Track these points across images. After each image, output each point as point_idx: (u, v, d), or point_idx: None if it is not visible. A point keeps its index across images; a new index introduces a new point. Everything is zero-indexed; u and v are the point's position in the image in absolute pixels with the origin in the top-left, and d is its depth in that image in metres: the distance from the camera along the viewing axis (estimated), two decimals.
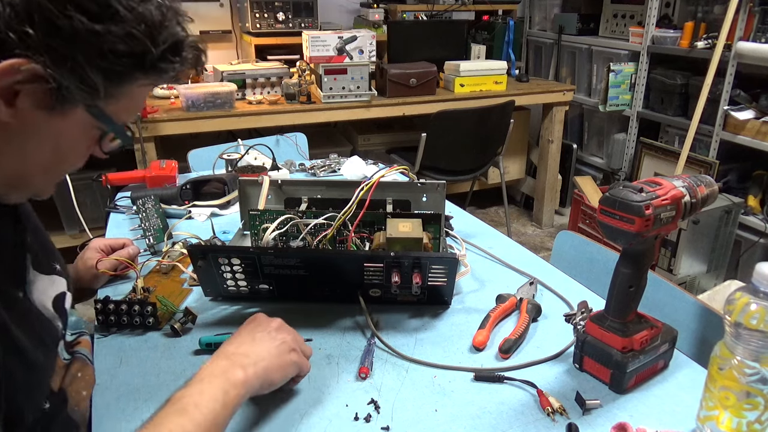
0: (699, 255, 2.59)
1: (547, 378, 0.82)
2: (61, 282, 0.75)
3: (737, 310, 0.63)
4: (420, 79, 2.73)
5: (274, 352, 0.73)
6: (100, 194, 2.54)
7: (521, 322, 0.92)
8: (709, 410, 0.69)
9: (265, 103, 2.55)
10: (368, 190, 1.00)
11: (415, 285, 0.91)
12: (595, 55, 3.37)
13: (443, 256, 0.91)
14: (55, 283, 0.74)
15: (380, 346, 0.89)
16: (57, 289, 0.74)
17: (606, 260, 1.21)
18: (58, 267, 0.76)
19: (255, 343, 0.73)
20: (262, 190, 1.10)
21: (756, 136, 2.48)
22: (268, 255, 0.91)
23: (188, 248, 0.93)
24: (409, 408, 0.76)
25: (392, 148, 3.10)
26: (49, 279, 0.73)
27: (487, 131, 2.78)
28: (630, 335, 0.77)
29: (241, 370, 0.68)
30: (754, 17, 2.45)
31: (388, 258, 0.90)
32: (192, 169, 1.87)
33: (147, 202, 1.33)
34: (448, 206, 1.31)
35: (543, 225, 3.42)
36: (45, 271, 0.72)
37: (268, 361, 0.71)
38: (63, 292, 0.75)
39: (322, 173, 1.67)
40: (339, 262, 0.94)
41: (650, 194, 0.71)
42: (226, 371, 0.67)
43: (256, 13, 2.93)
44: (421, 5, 3.38)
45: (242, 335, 0.75)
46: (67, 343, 0.81)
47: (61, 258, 0.80)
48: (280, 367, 0.72)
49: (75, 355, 0.83)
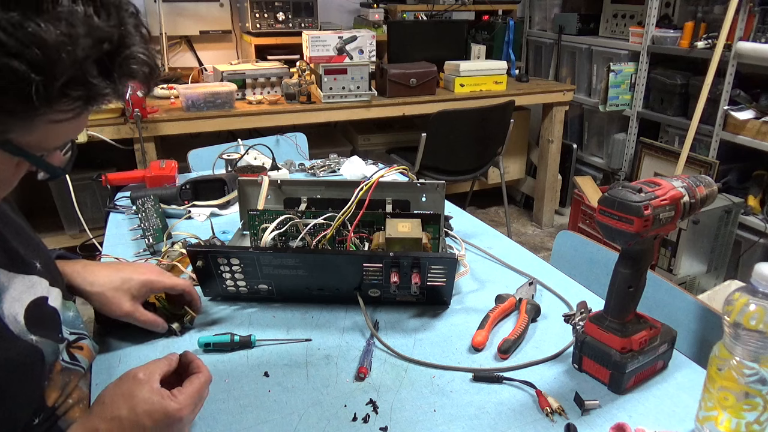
0: (699, 255, 2.59)
1: (546, 378, 0.82)
2: (41, 283, 0.71)
3: (736, 311, 0.63)
4: (420, 79, 2.73)
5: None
6: (99, 194, 2.55)
7: (520, 322, 0.92)
8: (708, 411, 0.69)
9: (265, 103, 2.55)
10: (368, 190, 1.00)
11: (414, 285, 0.91)
12: (595, 55, 3.37)
13: (442, 257, 0.91)
14: (33, 286, 0.70)
15: (379, 346, 0.89)
16: (35, 293, 0.69)
17: (606, 260, 1.21)
18: (38, 266, 0.72)
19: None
20: (261, 190, 1.10)
21: (756, 136, 2.48)
22: (267, 255, 0.91)
23: (187, 249, 0.93)
24: (407, 408, 0.76)
25: (392, 148, 3.10)
26: (25, 280, 0.69)
27: (487, 131, 2.78)
28: (629, 335, 0.77)
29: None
30: (754, 17, 2.45)
31: (387, 258, 0.90)
32: (192, 169, 1.88)
33: (147, 202, 1.33)
34: (448, 206, 1.31)
35: (543, 225, 3.42)
36: (20, 270, 0.68)
37: None
38: (43, 296, 0.70)
39: (321, 173, 1.67)
40: (338, 262, 0.94)
41: (649, 194, 0.71)
42: None
43: (256, 13, 2.93)
44: (421, 5, 3.38)
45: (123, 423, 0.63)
46: (69, 342, 0.76)
47: (46, 255, 0.76)
48: None
49: (75, 366, 0.75)
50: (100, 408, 0.65)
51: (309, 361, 0.85)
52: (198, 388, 0.68)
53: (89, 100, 0.54)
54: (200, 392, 0.69)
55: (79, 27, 0.49)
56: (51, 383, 0.70)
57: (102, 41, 0.51)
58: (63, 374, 0.72)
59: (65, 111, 0.53)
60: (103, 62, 0.52)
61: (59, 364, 0.72)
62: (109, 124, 2.25)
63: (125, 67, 0.55)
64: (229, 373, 0.82)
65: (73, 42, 0.49)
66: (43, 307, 0.71)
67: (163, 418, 0.64)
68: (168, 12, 3.02)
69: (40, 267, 0.73)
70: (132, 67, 0.56)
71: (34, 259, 0.73)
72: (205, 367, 0.71)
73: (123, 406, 0.64)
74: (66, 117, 0.53)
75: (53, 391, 0.70)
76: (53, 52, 0.47)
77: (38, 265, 0.73)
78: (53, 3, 0.48)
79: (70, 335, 0.76)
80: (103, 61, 0.52)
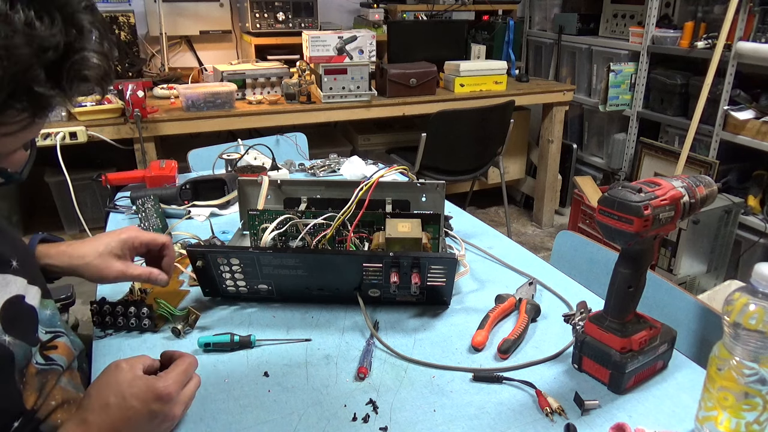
0: (699, 255, 2.59)
1: (545, 378, 0.82)
2: (17, 282, 0.69)
3: (736, 311, 0.63)
4: (420, 79, 2.73)
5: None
6: (99, 194, 2.55)
7: (520, 322, 0.92)
8: (707, 411, 0.69)
9: (265, 103, 2.55)
10: (367, 190, 1.00)
11: (413, 285, 0.91)
12: (595, 55, 3.37)
13: (442, 256, 0.91)
14: (8, 284, 0.68)
15: (379, 346, 0.89)
16: (9, 292, 0.68)
17: (606, 260, 1.21)
18: (14, 264, 0.71)
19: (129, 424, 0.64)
20: (261, 190, 1.10)
21: (756, 136, 2.48)
22: (267, 255, 0.91)
23: (187, 249, 0.93)
24: (407, 408, 0.76)
25: (392, 148, 3.10)
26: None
27: (487, 131, 2.78)
28: (629, 335, 0.77)
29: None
30: (754, 17, 2.45)
31: (386, 258, 0.90)
32: (192, 169, 1.88)
33: (147, 201, 1.33)
34: (448, 206, 1.31)
35: (543, 225, 3.42)
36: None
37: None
38: (18, 294, 0.69)
39: (321, 173, 1.67)
40: (338, 262, 0.94)
41: (649, 194, 0.71)
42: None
43: (256, 13, 2.93)
44: (421, 5, 3.38)
45: (112, 410, 0.63)
46: (42, 343, 0.74)
47: (23, 252, 0.75)
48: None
49: (51, 365, 0.74)
50: (87, 401, 0.64)
51: (309, 361, 0.85)
52: (184, 369, 0.68)
53: (36, 110, 0.51)
54: (187, 372, 0.68)
55: (17, 37, 0.46)
56: (27, 386, 0.69)
57: (45, 50, 0.49)
58: (39, 376, 0.71)
59: (11, 123, 0.51)
60: (50, 70, 0.49)
61: (33, 368, 0.71)
62: (109, 124, 2.25)
63: (75, 73, 0.52)
64: (229, 373, 0.82)
65: (10, 53, 0.46)
66: (19, 305, 0.70)
67: (153, 398, 0.64)
68: (168, 12, 3.02)
69: (17, 265, 0.72)
70: (83, 73, 0.53)
71: (10, 257, 0.71)
72: (189, 354, 0.71)
73: (109, 393, 0.63)
74: (13, 129, 0.51)
75: (30, 394, 0.69)
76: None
77: (14, 263, 0.71)
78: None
79: (45, 334, 0.75)
80: (49, 68, 0.49)
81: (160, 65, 3.12)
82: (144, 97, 2.23)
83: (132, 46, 2.83)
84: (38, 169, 2.56)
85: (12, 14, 0.47)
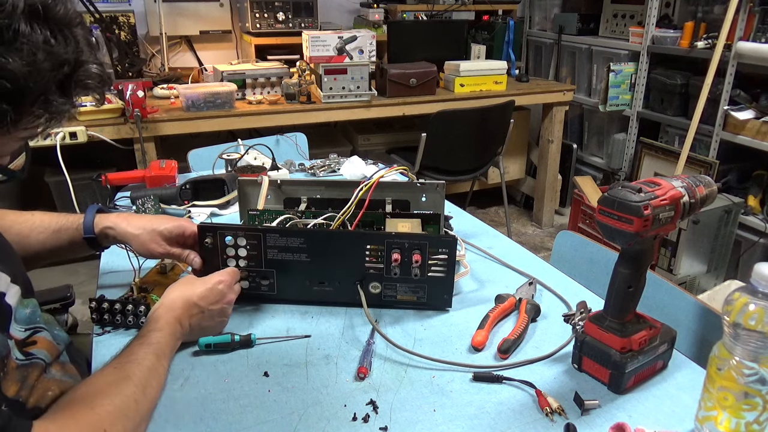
0: (699, 255, 2.59)
1: (545, 378, 0.82)
2: (1, 278, 0.70)
3: (736, 311, 0.63)
4: (420, 79, 2.73)
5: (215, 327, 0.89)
6: (99, 194, 2.55)
7: (520, 322, 0.92)
8: (707, 411, 0.69)
9: (265, 103, 2.55)
10: (368, 190, 1.00)
11: (414, 264, 0.92)
12: (595, 55, 3.37)
13: (443, 237, 0.92)
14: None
15: (379, 346, 0.89)
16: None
17: (606, 260, 1.21)
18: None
19: (203, 319, 0.86)
20: (261, 190, 1.10)
21: (756, 136, 2.48)
22: (273, 235, 0.93)
23: (198, 226, 0.95)
24: (407, 408, 0.76)
25: (392, 148, 3.10)
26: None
27: (487, 131, 2.78)
28: (629, 335, 0.77)
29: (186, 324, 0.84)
30: (754, 17, 2.45)
31: (389, 238, 0.92)
32: (192, 169, 1.87)
33: (146, 201, 1.33)
34: (448, 206, 1.31)
35: (543, 225, 3.42)
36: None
37: (209, 330, 0.88)
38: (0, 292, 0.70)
39: (321, 173, 1.67)
40: (342, 241, 0.94)
41: (649, 194, 0.71)
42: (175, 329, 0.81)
43: (256, 13, 2.93)
44: (421, 5, 3.38)
45: (192, 308, 0.85)
46: (19, 341, 0.75)
47: (8, 251, 0.76)
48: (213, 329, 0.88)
49: (32, 359, 0.75)
50: (168, 303, 0.84)
51: (309, 360, 0.85)
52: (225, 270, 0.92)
53: (51, 119, 0.57)
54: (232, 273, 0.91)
55: (39, 54, 0.52)
56: (7, 376, 0.70)
57: (62, 65, 0.55)
58: (19, 370, 0.72)
59: (28, 129, 0.56)
60: (62, 83, 0.55)
61: (13, 362, 0.71)
62: (109, 124, 2.25)
63: (81, 83, 0.58)
64: (229, 373, 0.82)
65: (37, 70, 0.52)
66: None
67: (227, 302, 0.89)
68: (168, 12, 3.02)
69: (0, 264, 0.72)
70: (87, 82, 0.58)
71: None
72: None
73: (192, 296, 0.85)
74: (28, 135, 0.57)
75: (12, 384, 0.70)
76: (20, 82, 0.50)
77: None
78: (14, 32, 0.50)
79: (24, 332, 0.76)
80: (62, 81, 0.55)
81: (160, 65, 3.12)
82: (144, 97, 2.23)
83: (132, 46, 2.83)
84: (38, 169, 2.56)
85: (33, 34, 0.52)
